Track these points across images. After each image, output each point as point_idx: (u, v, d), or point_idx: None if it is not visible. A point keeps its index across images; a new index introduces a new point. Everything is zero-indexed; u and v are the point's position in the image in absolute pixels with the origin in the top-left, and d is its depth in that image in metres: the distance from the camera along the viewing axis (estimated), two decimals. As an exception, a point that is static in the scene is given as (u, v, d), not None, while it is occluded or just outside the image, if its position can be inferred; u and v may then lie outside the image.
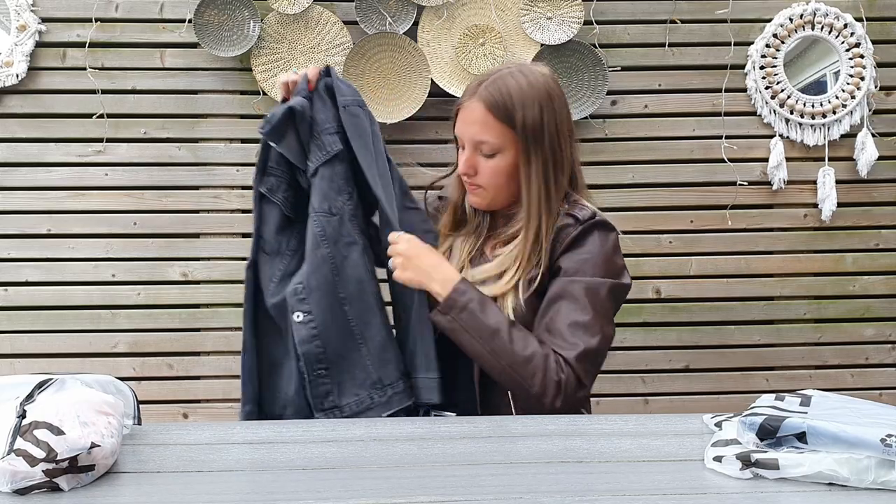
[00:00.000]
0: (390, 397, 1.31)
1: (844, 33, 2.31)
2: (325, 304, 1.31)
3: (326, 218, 1.33)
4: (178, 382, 2.30)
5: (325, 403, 1.31)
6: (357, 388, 1.31)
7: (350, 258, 1.33)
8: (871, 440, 0.91)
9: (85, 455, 0.93)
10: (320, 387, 1.31)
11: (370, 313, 1.34)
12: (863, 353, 2.37)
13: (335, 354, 1.31)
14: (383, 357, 1.33)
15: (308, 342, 1.31)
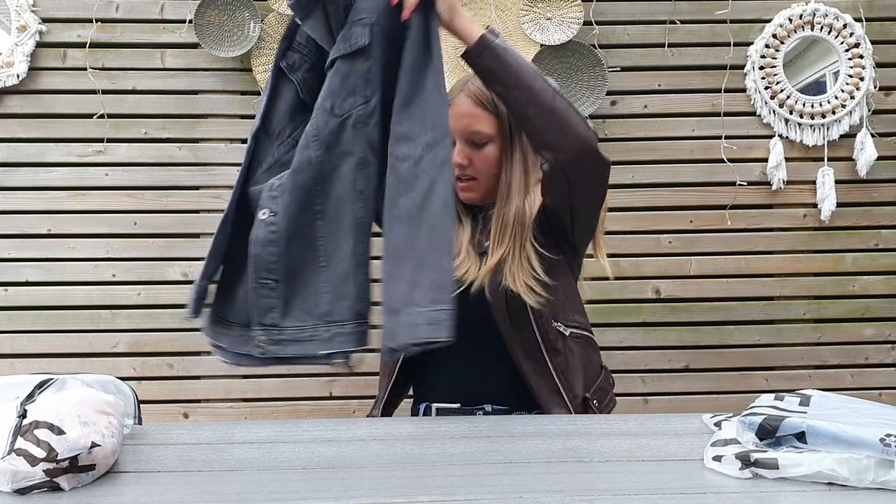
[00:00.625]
0: (333, 336, 1.18)
1: (844, 34, 2.31)
2: (294, 211, 1.18)
3: (326, 118, 1.19)
4: (179, 382, 2.30)
5: (265, 318, 1.18)
6: (304, 314, 1.18)
7: (340, 170, 1.19)
8: (871, 440, 0.91)
9: (85, 455, 0.93)
10: (263, 298, 1.18)
11: (343, 237, 1.19)
12: (862, 353, 2.37)
13: (290, 269, 1.18)
14: (341, 290, 1.19)
15: (263, 244, 1.17)
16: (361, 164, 1.19)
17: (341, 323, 1.18)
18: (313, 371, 2.32)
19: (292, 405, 2.31)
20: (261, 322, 1.17)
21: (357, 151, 1.19)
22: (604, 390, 1.46)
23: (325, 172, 1.19)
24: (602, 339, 2.29)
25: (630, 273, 2.35)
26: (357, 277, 1.19)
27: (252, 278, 1.18)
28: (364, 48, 1.19)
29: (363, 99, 1.20)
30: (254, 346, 1.18)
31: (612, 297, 2.33)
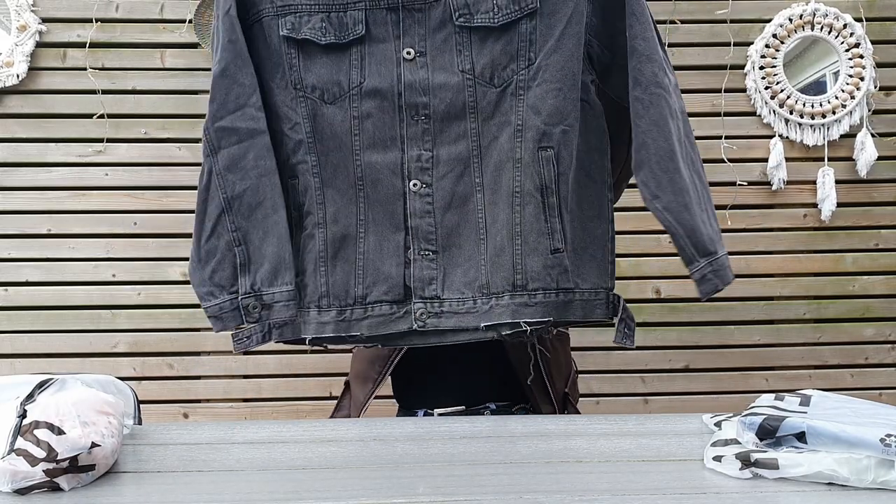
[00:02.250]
0: (490, 308, 1.16)
1: (844, 33, 2.31)
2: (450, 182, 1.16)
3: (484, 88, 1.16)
4: (179, 382, 2.30)
5: (426, 290, 1.17)
6: (464, 286, 1.16)
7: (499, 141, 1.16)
8: (871, 440, 0.91)
9: (85, 455, 0.93)
10: (425, 270, 1.17)
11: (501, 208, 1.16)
12: (862, 353, 2.37)
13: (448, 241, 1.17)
14: (498, 261, 1.17)
15: (420, 215, 1.16)
16: (520, 130, 1.16)
17: (498, 295, 1.16)
18: (313, 371, 2.32)
19: (292, 405, 2.31)
20: (422, 295, 1.16)
21: (515, 119, 1.16)
22: (574, 382, 1.48)
23: (483, 144, 1.17)
24: (602, 339, 2.32)
25: (630, 273, 2.35)
26: (513, 248, 1.16)
27: (414, 251, 1.17)
28: (534, 10, 1.14)
29: (525, 63, 1.15)
30: (410, 321, 1.17)
31: (612, 297, 2.33)
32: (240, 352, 1.21)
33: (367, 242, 1.20)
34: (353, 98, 1.18)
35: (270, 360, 2.31)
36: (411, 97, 1.16)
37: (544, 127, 1.14)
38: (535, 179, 1.15)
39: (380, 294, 1.19)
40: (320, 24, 1.16)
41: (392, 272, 1.19)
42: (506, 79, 1.15)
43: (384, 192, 1.19)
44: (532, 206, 1.15)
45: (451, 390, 1.39)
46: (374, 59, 1.17)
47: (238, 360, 2.31)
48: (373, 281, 1.19)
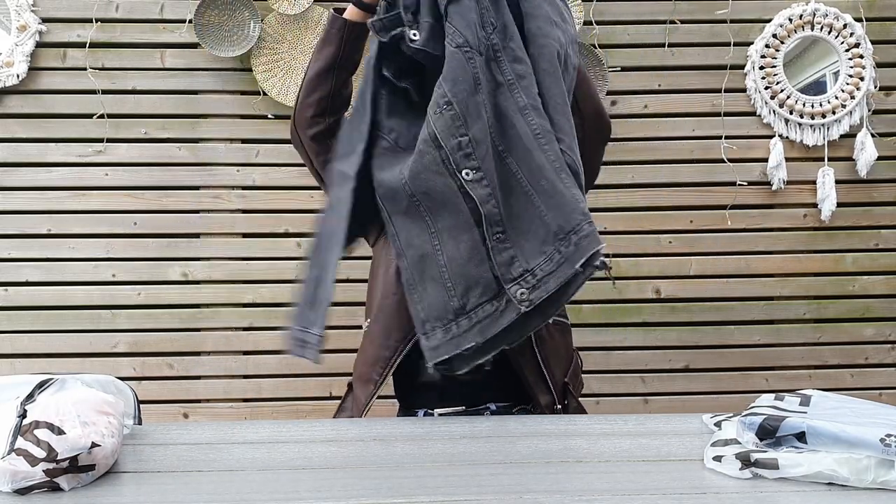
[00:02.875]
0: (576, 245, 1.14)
1: (844, 33, 2.31)
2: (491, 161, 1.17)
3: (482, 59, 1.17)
4: (179, 382, 2.30)
5: (513, 271, 1.15)
6: (541, 244, 1.15)
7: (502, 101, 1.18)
8: (871, 440, 0.91)
9: (85, 455, 0.93)
10: (502, 253, 1.15)
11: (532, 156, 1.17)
12: (862, 353, 2.37)
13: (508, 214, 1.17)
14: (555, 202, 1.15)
15: (485, 201, 1.15)
16: (512, 83, 1.18)
17: (575, 230, 1.15)
18: (313, 371, 2.31)
19: (292, 405, 2.31)
20: (511, 277, 1.15)
21: (503, 77, 1.18)
22: (577, 374, 1.46)
23: (497, 114, 1.18)
24: (602, 339, 2.32)
25: (630, 273, 2.35)
26: (564, 182, 1.16)
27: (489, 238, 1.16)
28: None
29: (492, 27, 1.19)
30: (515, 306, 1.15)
31: (612, 297, 2.33)
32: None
33: (445, 253, 1.19)
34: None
35: (270, 360, 2.31)
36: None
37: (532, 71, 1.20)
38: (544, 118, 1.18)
39: (477, 298, 1.17)
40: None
41: (478, 272, 1.17)
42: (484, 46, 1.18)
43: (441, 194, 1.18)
44: (556, 141, 1.18)
45: (451, 391, 1.39)
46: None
47: (238, 361, 2.32)
48: (465, 288, 1.18)
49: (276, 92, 2.27)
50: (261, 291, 2.30)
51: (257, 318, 2.31)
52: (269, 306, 2.30)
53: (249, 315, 2.32)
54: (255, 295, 2.31)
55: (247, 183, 2.32)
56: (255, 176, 2.32)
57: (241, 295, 2.31)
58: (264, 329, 2.31)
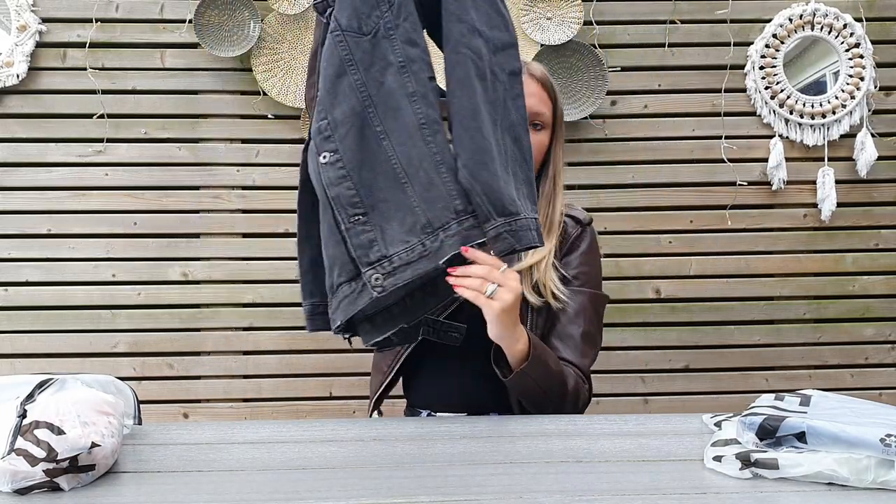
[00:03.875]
0: (441, 243, 1.11)
1: (844, 33, 2.31)
2: (354, 140, 1.14)
3: (355, 39, 1.14)
4: (179, 382, 2.30)
5: (371, 255, 1.12)
6: (406, 234, 1.12)
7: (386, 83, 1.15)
8: (871, 440, 0.91)
9: (85, 455, 0.93)
10: (361, 235, 1.13)
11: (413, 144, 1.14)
12: (862, 353, 2.37)
13: (373, 197, 1.14)
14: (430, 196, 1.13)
15: (336, 183, 1.13)
16: (403, 66, 1.15)
17: (444, 227, 1.13)
18: (313, 371, 2.32)
19: (292, 405, 2.31)
20: (368, 261, 1.13)
21: (395, 58, 1.15)
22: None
23: (372, 92, 1.15)
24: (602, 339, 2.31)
25: (630, 273, 2.35)
26: (442, 176, 1.14)
27: (344, 220, 1.14)
28: None
29: (388, 5, 1.16)
30: (369, 290, 1.13)
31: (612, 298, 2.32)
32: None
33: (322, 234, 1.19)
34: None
35: (270, 360, 2.31)
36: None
37: (426, 56, 1.15)
38: (435, 107, 1.14)
39: (338, 278, 1.16)
40: None
41: (337, 252, 1.16)
42: (373, 25, 1.15)
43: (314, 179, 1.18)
44: (441, 132, 1.14)
45: (454, 395, 1.40)
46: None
47: (238, 360, 2.32)
48: (330, 267, 1.17)
49: (276, 92, 2.27)
50: (261, 291, 2.30)
51: (257, 318, 2.31)
52: (269, 306, 2.30)
53: (249, 315, 2.32)
54: (255, 295, 2.31)
55: (247, 183, 2.32)
56: (255, 176, 2.32)
57: (241, 295, 2.31)
58: (264, 329, 2.31)
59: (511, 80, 1.19)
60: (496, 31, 1.18)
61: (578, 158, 2.34)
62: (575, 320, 1.37)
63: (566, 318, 1.37)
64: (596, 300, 1.41)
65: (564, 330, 1.37)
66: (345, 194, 1.13)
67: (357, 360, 2.30)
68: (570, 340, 1.36)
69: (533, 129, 1.41)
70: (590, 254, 1.43)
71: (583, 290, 1.39)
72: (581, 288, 1.39)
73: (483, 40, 1.16)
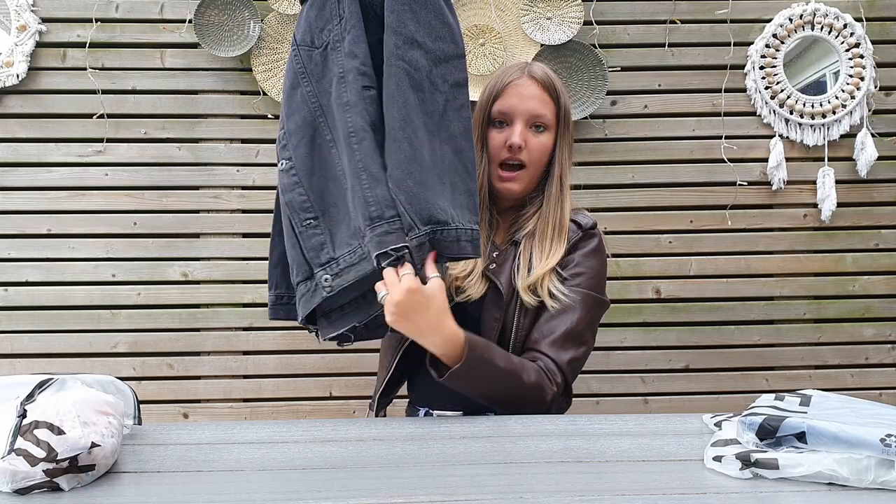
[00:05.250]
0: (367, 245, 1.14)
1: (844, 33, 2.31)
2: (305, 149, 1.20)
3: (308, 52, 1.20)
4: (179, 382, 2.30)
5: (321, 257, 1.18)
6: (349, 237, 1.17)
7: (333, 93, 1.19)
8: (871, 440, 0.91)
9: (85, 455, 0.93)
10: (313, 238, 1.18)
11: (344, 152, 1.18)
12: (862, 353, 2.37)
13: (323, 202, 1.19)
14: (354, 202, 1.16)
15: (290, 189, 1.19)
16: (342, 77, 1.19)
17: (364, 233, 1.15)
18: (313, 371, 2.32)
19: (292, 405, 2.31)
20: (319, 262, 1.18)
21: (337, 69, 1.19)
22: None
23: (324, 102, 1.20)
24: (602, 339, 2.32)
25: (630, 273, 2.35)
26: (361, 184, 1.15)
27: (297, 224, 1.19)
28: None
29: (338, 19, 1.20)
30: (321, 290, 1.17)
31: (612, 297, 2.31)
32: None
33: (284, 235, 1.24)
34: None
35: (270, 360, 2.31)
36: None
37: (363, 67, 1.18)
38: (364, 116, 1.17)
39: (296, 277, 1.21)
40: None
41: (294, 253, 1.21)
42: (325, 39, 1.20)
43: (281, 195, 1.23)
44: (367, 141, 1.16)
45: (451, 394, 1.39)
46: None
47: (238, 361, 2.31)
48: (291, 266, 1.23)
49: (276, 92, 2.27)
50: (261, 291, 2.30)
51: (257, 318, 2.31)
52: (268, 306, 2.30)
53: (249, 315, 2.32)
54: (255, 295, 2.31)
55: (247, 183, 2.32)
56: (255, 176, 2.32)
57: (241, 295, 2.31)
58: (264, 329, 2.31)
59: (454, 91, 1.21)
60: (440, 42, 1.20)
61: (578, 158, 2.34)
62: (560, 316, 1.35)
63: (552, 312, 1.35)
64: (590, 301, 1.38)
65: (547, 324, 1.35)
66: (297, 200, 1.19)
67: (357, 360, 2.30)
68: (550, 334, 1.34)
69: (535, 130, 1.41)
70: (591, 256, 1.42)
71: (578, 290, 1.37)
72: (576, 287, 1.37)
73: (423, 51, 1.18)
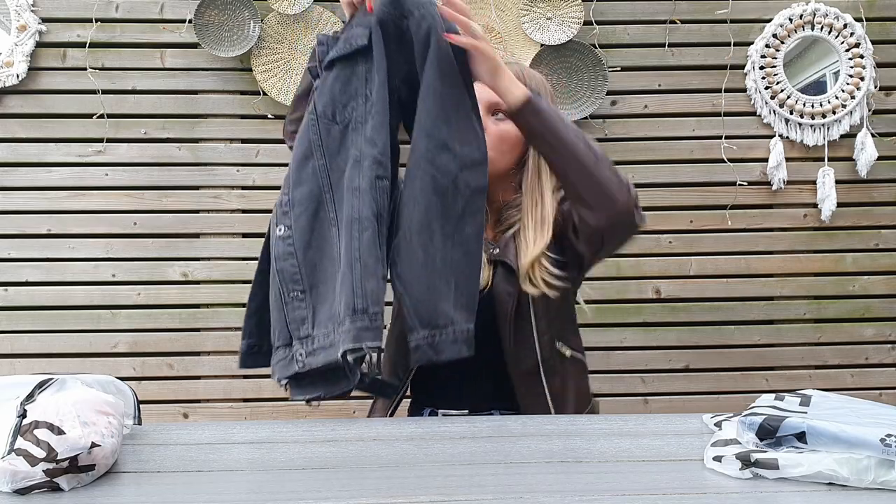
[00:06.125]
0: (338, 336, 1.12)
1: (844, 33, 2.31)
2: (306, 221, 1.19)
3: (328, 125, 1.18)
4: (179, 382, 2.30)
5: (301, 331, 1.17)
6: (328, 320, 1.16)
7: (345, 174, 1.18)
8: (871, 440, 0.91)
9: (85, 455, 0.93)
10: (296, 311, 1.17)
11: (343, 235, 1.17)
12: (862, 353, 2.37)
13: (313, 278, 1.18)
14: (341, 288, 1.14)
15: (283, 258, 1.18)
16: (357, 161, 1.17)
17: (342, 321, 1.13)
18: (313, 371, 2.32)
19: (292, 405, 2.31)
20: (298, 336, 1.17)
21: (354, 151, 1.17)
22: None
23: (334, 180, 1.18)
24: (602, 339, 2.32)
25: (630, 273, 2.35)
26: (353, 273, 1.13)
27: (284, 294, 1.18)
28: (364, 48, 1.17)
29: (363, 99, 1.18)
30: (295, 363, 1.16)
31: (612, 297, 2.33)
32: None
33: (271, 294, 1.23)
34: None
35: (270, 360, 2.31)
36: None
37: (380, 157, 1.16)
38: (372, 206, 1.15)
39: (276, 340, 1.20)
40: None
41: (278, 317, 1.20)
42: (347, 116, 1.18)
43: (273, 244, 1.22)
44: (370, 232, 1.15)
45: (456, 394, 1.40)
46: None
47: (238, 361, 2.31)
48: (273, 327, 1.22)
49: (276, 92, 2.27)
50: (261, 291, 2.30)
51: (257, 318, 2.31)
52: (269, 306, 2.30)
53: (249, 315, 2.31)
54: (255, 295, 2.30)
55: (247, 183, 2.32)
56: (255, 176, 2.32)
57: (241, 295, 2.31)
58: (264, 329, 2.31)
59: (473, 196, 1.20)
60: (467, 148, 1.19)
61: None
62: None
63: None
64: None
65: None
66: (288, 270, 1.18)
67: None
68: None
69: (495, 118, 1.39)
70: None
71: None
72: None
73: (452, 155, 1.18)
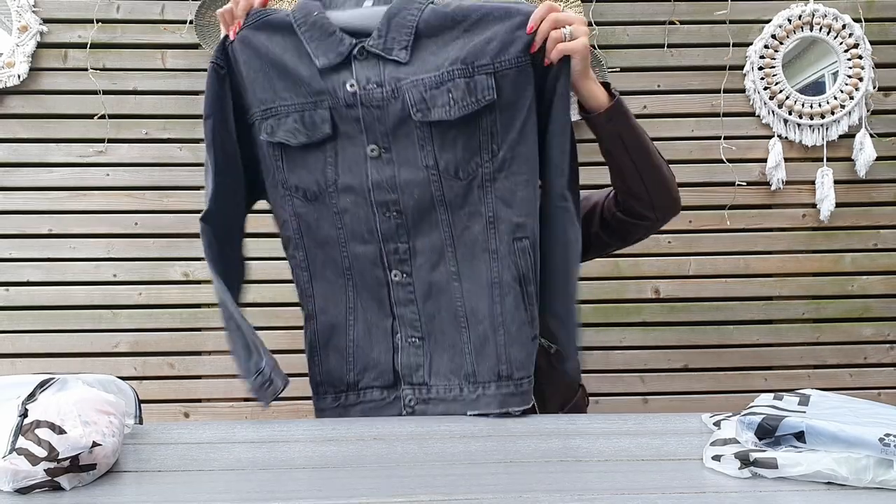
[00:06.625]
0: (478, 397, 1.17)
1: (843, 34, 2.32)
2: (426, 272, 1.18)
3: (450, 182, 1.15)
4: (180, 382, 2.30)
5: (414, 377, 1.19)
6: (450, 373, 1.18)
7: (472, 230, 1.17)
8: (870, 439, 0.91)
9: (86, 454, 0.94)
10: (412, 357, 1.19)
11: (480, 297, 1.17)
12: (861, 353, 2.38)
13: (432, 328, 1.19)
14: (483, 351, 1.17)
15: (404, 304, 1.19)
16: (491, 222, 1.16)
17: (485, 384, 1.17)
18: (313, 371, 2.32)
19: (292, 405, 2.31)
20: (410, 381, 1.19)
21: (486, 211, 1.16)
22: (578, 408, 1.45)
23: (456, 233, 1.17)
24: (602, 339, 2.32)
25: (629, 273, 2.35)
26: (497, 339, 1.17)
27: (402, 338, 1.20)
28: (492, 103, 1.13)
29: (489, 154, 1.15)
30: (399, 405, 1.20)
31: (611, 297, 2.34)
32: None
33: (357, 330, 1.23)
34: (332, 195, 1.20)
35: (271, 360, 2.31)
36: (380, 195, 1.18)
37: (517, 219, 1.16)
38: (512, 270, 1.15)
39: (370, 380, 1.22)
40: (293, 126, 1.18)
41: (381, 358, 1.22)
42: (471, 172, 1.15)
43: (370, 281, 1.22)
44: (512, 297, 1.16)
45: None
46: (345, 156, 1.18)
47: (238, 360, 2.31)
48: (363, 367, 1.23)
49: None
50: (261, 291, 2.30)
51: (257, 318, 2.31)
52: (269, 306, 2.30)
53: (249, 315, 2.27)
54: (255, 295, 2.31)
55: (247, 183, 2.32)
56: (256, 176, 2.32)
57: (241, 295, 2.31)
58: (264, 329, 2.31)
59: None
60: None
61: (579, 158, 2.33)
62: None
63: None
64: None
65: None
66: (409, 316, 1.19)
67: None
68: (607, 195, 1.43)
69: None
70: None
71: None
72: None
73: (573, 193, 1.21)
